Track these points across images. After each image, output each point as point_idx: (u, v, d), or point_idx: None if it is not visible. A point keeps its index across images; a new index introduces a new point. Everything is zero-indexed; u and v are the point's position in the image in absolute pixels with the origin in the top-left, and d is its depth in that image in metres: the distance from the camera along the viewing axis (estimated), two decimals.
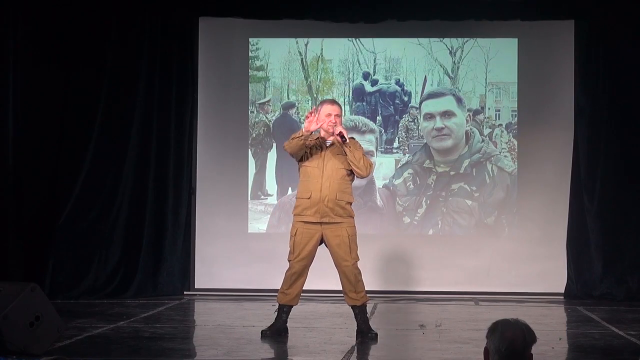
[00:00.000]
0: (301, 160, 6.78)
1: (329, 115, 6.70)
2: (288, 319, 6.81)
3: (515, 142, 9.66)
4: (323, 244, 6.74)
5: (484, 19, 9.42)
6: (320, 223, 6.65)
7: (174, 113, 9.41)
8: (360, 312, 6.70)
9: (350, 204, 6.74)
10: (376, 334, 6.66)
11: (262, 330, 6.79)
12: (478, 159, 9.66)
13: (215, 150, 9.73)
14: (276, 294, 6.83)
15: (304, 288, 6.80)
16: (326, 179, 6.64)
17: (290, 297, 6.74)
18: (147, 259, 9.31)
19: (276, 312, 6.85)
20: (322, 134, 6.78)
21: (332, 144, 6.73)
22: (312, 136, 6.67)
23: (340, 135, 6.61)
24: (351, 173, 6.72)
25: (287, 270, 6.75)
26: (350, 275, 6.63)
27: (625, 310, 8.39)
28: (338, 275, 6.72)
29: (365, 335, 6.63)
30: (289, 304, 6.79)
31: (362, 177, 6.86)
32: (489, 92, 9.73)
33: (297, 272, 6.69)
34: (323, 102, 6.97)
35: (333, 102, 6.91)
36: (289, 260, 6.73)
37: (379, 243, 9.45)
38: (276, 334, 6.73)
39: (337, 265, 6.69)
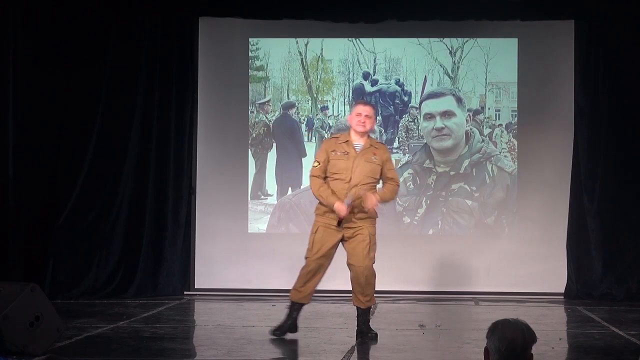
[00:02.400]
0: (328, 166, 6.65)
1: (359, 114, 6.60)
2: (298, 318, 6.69)
3: (515, 142, 9.66)
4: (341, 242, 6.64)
5: (484, 19, 9.41)
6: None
7: (174, 113, 9.41)
8: (362, 314, 6.65)
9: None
10: (376, 334, 6.63)
11: (271, 330, 6.68)
12: (478, 159, 9.66)
13: (215, 150, 9.73)
14: (276, 294, 6.84)
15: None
16: (353, 186, 6.51)
17: (303, 295, 6.63)
18: (147, 259, 9.31)
19: (288, 308, 6.72)
20: (352, 134, 6.64)
21: (363, 149, 6.60)
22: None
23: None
24: (379, 181, 6.64)
25: (302, 268, 6.62)
26: (361, 277, 6.54)
27: (625, 310, 8.39)
28: (349, 274, 6.61)
29: (365, 335, 6.60)
30: (301, 302, 6.67)
31: None
32: (489, 92, 9.74)
33: (313, 269, 6.57)
34: (357, 102, 7.16)
35: (366, 103, 7.05)
36: (306, 258, 6.60)
37: (379, 243, 9.36)
38: (287, 332, 6.64)
39: (350, 264, 6.59)
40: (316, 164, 6.67)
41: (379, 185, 6.79)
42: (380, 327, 7.00)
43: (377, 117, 9.69)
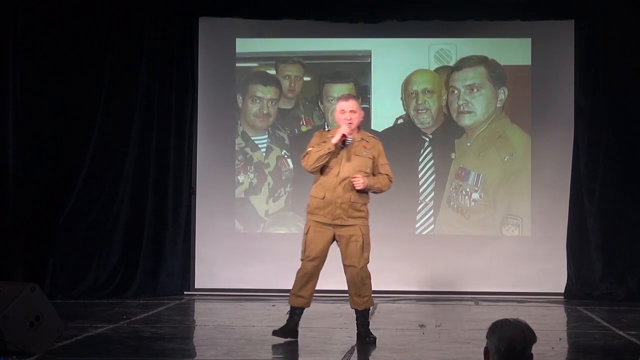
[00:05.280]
0: None
1: (343, 112, 6.42)
2: (299, 321, 6.59)
3: None
4: (335, 242, 6.53)
5: (484, 19, 9.41)
6: (333, 225, 6.45)
7: (174, 113, 9.41)
8: (361, 316, 6.56)
9: (366, 204, 6.51)
10: (375, 338, 6.53)
11: (273, 330, 6.59)
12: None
13: (215, 150, 9.73)
14: (276, 294, 6.82)
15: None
16: (342, 179, 6.37)
17: (304, 300, 6.52)
18: (147, 259, 9.31)
19: (288, 314, 6.60)
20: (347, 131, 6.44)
21: (352, 143, 6.44)
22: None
23: (343, 139, 6.35)
24: (370, 174, 6.47)
25: (298, 271, 6.53)
26: (356, 278, 6.45)
27: (625, 310, 8.39)
28: (344, 275, 6.54)
29: (364, 339, 6.51)
30: (302, 307, 6.57)
31: None
32: None
33: (309, 272, 6.46)
34: (338, 98, 6.70)
35: (348, 97, 6.58)
36: (301, 260, 6.53)
37: (379, 243, 9.38)
38: (288, 336, 6.53)
39: (344, 265, 6.50)
40: (310, 149, 6.48)
41: None
42: (380, 327, 7.01)
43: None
